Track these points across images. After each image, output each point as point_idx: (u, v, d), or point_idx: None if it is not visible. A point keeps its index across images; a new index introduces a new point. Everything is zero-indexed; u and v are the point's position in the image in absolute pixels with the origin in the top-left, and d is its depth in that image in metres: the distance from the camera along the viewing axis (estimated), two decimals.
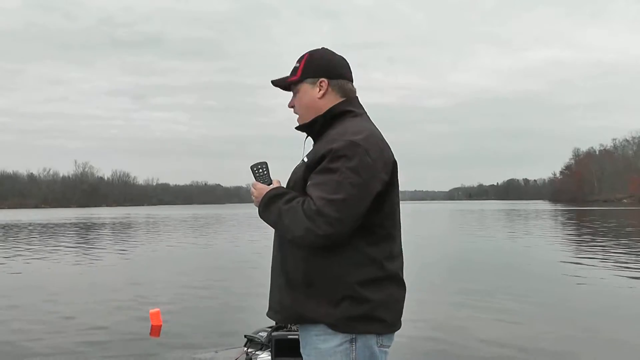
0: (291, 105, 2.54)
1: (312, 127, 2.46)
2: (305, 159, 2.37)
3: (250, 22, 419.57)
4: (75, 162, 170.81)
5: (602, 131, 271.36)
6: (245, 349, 4.20)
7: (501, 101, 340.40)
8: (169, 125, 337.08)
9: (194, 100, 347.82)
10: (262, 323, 4.91)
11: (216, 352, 4.12)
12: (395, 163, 2.35)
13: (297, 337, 2.63)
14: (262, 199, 2.40)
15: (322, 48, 2.52)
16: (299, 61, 2.49)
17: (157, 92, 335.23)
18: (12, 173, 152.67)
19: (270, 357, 3.83)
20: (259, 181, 2.48)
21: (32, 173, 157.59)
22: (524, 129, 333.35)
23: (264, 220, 2.42)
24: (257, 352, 4.13)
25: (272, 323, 4.24)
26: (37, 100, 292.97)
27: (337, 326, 2.26)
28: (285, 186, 2.45)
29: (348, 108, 2.42)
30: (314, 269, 2.29)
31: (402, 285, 2.39)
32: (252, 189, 2.49)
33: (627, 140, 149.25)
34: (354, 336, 2.27)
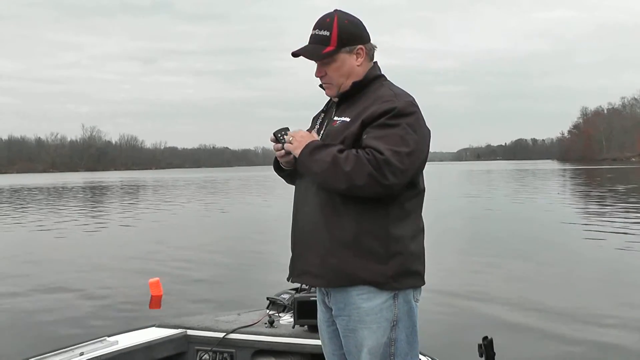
0: (321, 75, 2.45)
1: (350, 93, 2.45)
2: (347, 119, 2.36)
3: None
4: (83, 126, 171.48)
5: (611, 90, 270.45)
6: (267, 311, 4.13)
7: (508, 61, 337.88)
8: (177, 89, 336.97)
9: (203, 64, 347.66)
10: (274, 286, 4.84)
11: (239, 314, 4.06)
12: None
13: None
14: (307, 146, 2.34)
15: (340, 11, 2.43)
16: (324, 28, 2.39)
17: (167, 57, 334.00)
18: (20, 138, 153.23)
19: (292, 319, 3.77)
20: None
21: (39, 138, 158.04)
22: (532, 88, 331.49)
23: (304, 168, 2.37)
24: (279, 314, 4.06)
25: (294, 286, 4.17)
26: (47, 65, 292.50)
27: (384, 284, 2.29)
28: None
29: (379, 73, 2.49)
30: (364, 227, 2.29)
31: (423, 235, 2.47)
32: (289, 137, 2.40)
33: (635, 99, 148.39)
34: (396, 292, 2.32)
